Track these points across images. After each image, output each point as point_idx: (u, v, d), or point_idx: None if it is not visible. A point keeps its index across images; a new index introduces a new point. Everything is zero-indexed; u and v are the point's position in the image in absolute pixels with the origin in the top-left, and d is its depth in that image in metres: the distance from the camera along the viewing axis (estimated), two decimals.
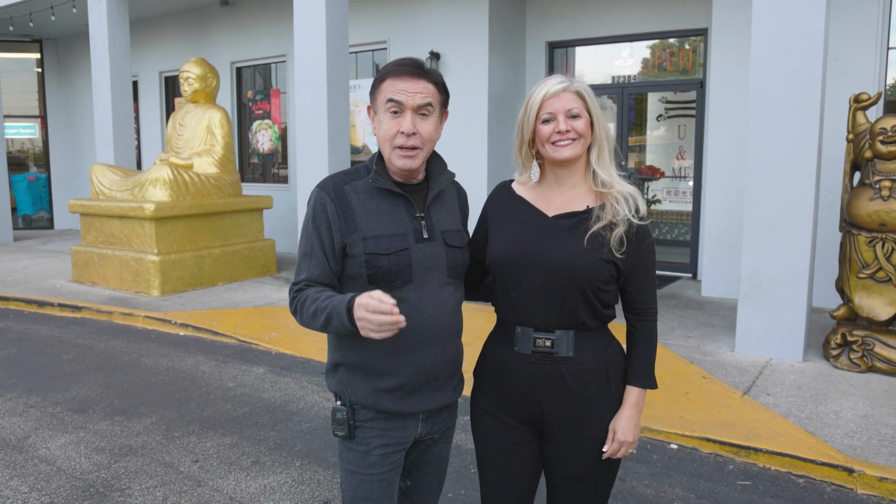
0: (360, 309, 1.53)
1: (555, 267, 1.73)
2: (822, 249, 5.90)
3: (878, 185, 4.67)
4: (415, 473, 1.96)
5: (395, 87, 1.70)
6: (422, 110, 1.71)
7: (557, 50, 8.54)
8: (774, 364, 4.82)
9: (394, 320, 1.50)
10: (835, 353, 4.78)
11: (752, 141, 4.89)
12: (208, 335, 5.94)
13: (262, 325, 6.10)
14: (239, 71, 10.86)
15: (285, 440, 3.82)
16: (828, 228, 5.96)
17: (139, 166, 11.89)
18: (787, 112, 4.74)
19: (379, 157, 1.80)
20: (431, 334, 1.76)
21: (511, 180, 1.92)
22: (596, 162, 1.77)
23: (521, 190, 1.87)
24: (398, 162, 1.73)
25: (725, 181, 6.88)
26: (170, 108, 11.74)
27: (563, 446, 1.82)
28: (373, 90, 1.77)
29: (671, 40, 7.84)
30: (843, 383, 4.45)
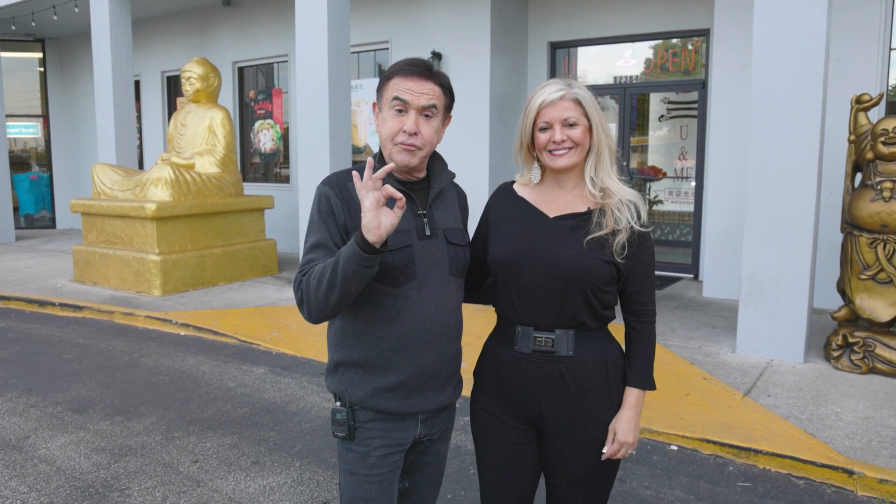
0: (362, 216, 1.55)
1: (555, 267, 1.73)
2: (824, 250, 5.89)
3: (879, 187, 4.66)
4: (413, 474, 1.97)
5: (402, 85, 1.71)
6: (426, 111, 1.72)
7: (559, 50, 8.54)
8: (775, 365, 4.81)
9: (382, 172, 1.54)
10: (836, 354, 4.77)
11: (754, 142, 4.88)
12: (209, 335, 5.94)
13: (263, 325, 6.10)
14: (241, 70, 10.87)
15: (285, 440, 3.82)
16: (829, 229, 5.96)
17: (141, 166, 11.90)
18: (789, 113, 4.73)
19: (380, 156, 1.81)
20: (433, 332, 1.77)
21: (513, 181, 1.93)
22: (594, 169, 1.76)
23: (523, 191, 1.88)
24: (398, 157, 1.74)
25: (727, 182, 6.87)
26: (172, 108, 11.74)
27: (562, 446, 1.82)
28: (380, 87, 1.78)
29: (673, 41, 7.83)
30: (844, 385, 4.44)
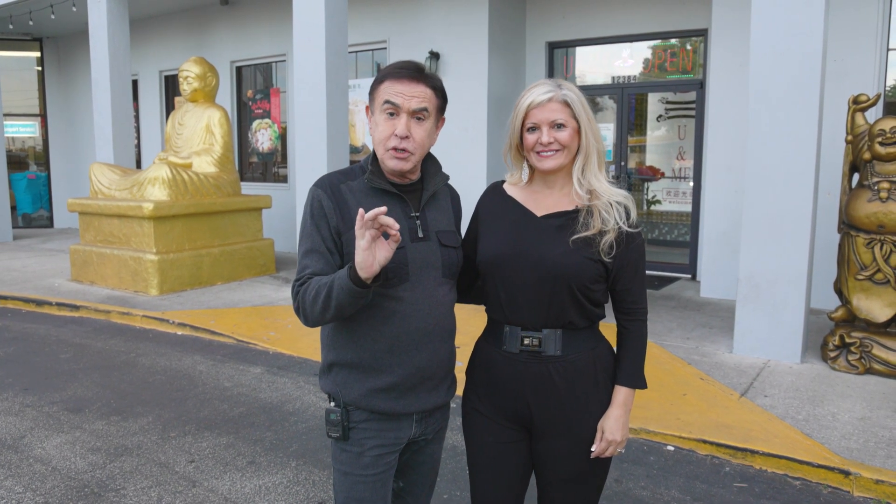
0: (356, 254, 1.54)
1: (543, 266, 1.73)
2: (821, 251, 5.89)
3: (876, 187, 4.66)
4: (408, 474, 1.97)
5: (393, 89, 1.71)
6: (417, 114, 1.72)
7: (557, 50, 8.53)
8: (772, 365, 4.81)
9: (373, 214, 1.49)
10: (833, 354, 4.77)
11: (752, 142, 4.88)
12: (206, 335, 5.93)
13: (261, 324, 6.09)
14: (239, 70, 10.86)
15: (281, 440, 3.82)
16: (826, 230, 5.96)
17: (139, 165, 11.89)
18: (787, 113, 4.73)
19: (374, 157, 1.81)
20: (427, 333, 1.76)
21: (503, 181, 1.93)
22: (581, 170, 1.76)
23: (512, 190, 1.88)
24: (390, 163, 1.74)
25: (725, 182, 6.87)
26: (170, 107, 11.73)
27: (552, 445, 1.82)
28: (371, 91, 1.78)
29: (671, 41, 7.83)
30: (841, 385, 4.44)
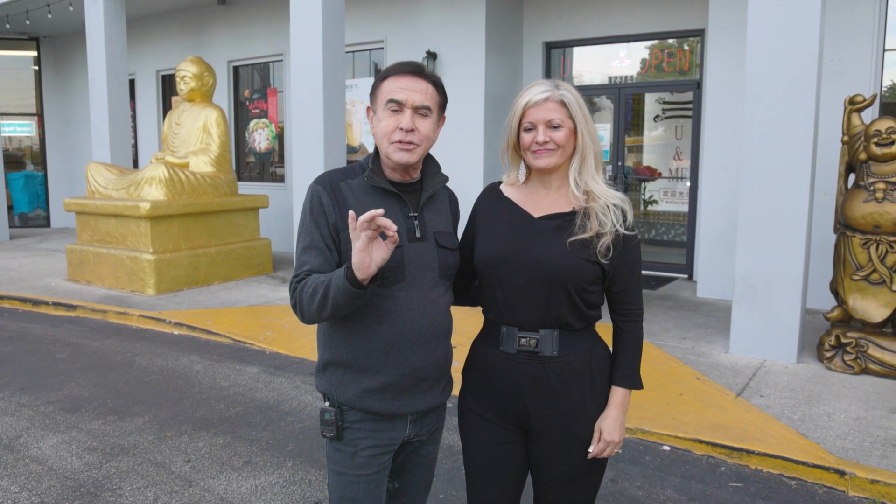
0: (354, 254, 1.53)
1: (539, 267, 1.73)
2: (817, 251, 5.91)
3: (872, 187, 4.67)
4: (403, 475, 1.96)
5: (396, 84, 1.72)
6: (421, 111, 1.73)
7: (554, 50, 8.54)
8: (768, 365, 4.82)
9: (370, 216, 1.48)
10: (829, 354, 4.78)
11: (748, 142, 4.89)
12: (203, 334, 5.93)
13: (257, 324, 6.09)
14: (236, 70, 10.85)
15: (278, 440, 3.82)
16: (822, 230, 5.97)
17: (136, 165, 11.87)
18: (783, 113, 4.74)
19: (374, 156, 1.81)
20: (422, 333, 1.76)
21: (500, 182, 1.93)
22: (577, 171, 1.76)
23: (509, 191, 1.89)
24: (395, 155, 1.73)
25: (722, 182, 6.88)
26: (167, 107, 11.71)
27: (548, 446, 1.82)
28: (373, 90, 1.78)
29: (668, 41, 7.84)
30: (837, 385, 4.45)
